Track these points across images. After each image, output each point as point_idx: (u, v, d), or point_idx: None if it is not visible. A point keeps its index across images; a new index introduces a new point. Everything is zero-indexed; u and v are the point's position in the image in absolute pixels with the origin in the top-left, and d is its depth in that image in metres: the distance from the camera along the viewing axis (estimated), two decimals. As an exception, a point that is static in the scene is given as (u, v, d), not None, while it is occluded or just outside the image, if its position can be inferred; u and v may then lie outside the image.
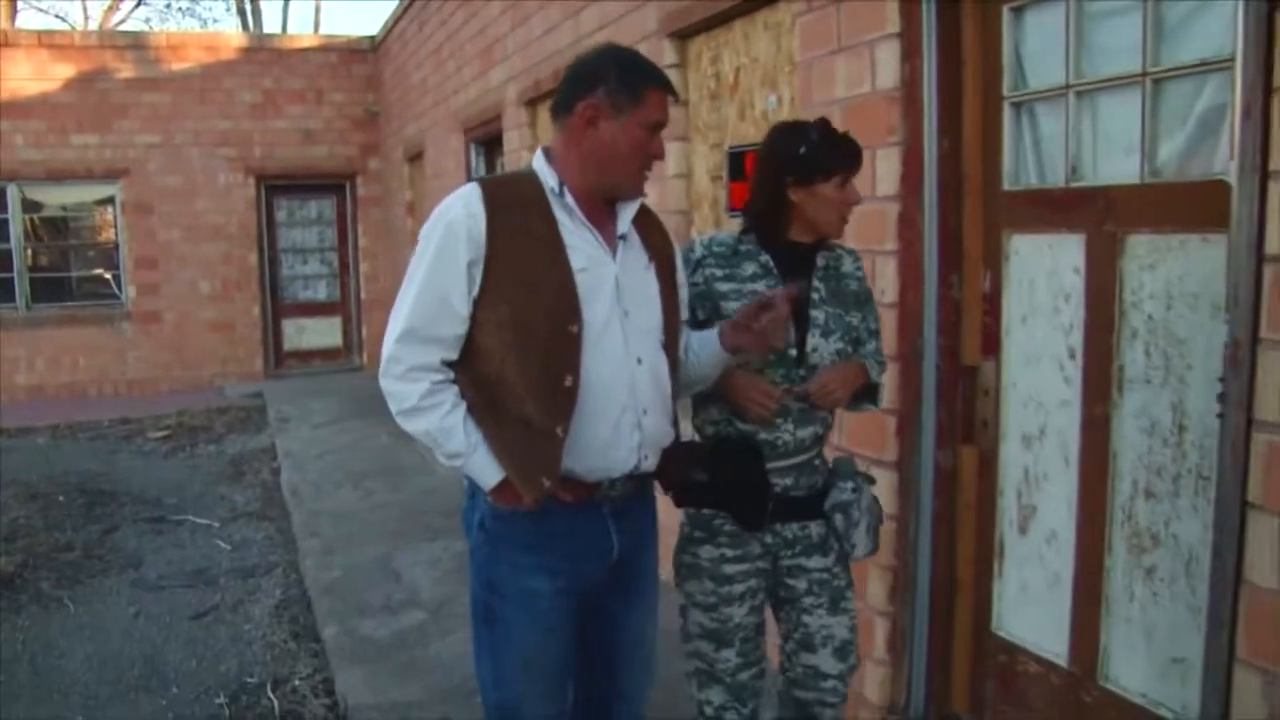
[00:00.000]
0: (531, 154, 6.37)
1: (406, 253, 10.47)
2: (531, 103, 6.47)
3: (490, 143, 7.64)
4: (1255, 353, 2.05)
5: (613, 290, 2.12)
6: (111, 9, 23.48)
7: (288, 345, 12.41)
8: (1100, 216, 2.61)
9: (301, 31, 24.01)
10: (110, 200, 11.56)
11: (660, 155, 2.16)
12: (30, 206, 11.38)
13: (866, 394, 2.58)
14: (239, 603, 5.01)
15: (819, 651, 2.51)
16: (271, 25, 24.58)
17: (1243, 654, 2.11)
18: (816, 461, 2.53)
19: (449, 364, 2.11)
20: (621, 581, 2.28)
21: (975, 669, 3.15)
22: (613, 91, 2.08)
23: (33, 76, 11.00)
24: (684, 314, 2.35)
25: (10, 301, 11.28)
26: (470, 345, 2.10)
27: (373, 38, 12.12)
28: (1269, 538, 2.05)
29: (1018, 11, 2.85)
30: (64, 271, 11.74)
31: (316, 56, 12.19)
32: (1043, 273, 2.81)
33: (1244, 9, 2.03)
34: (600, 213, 2.17)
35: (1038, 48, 2.81)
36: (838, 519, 2.46)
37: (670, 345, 2.24)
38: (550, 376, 2.05)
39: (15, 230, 11.25)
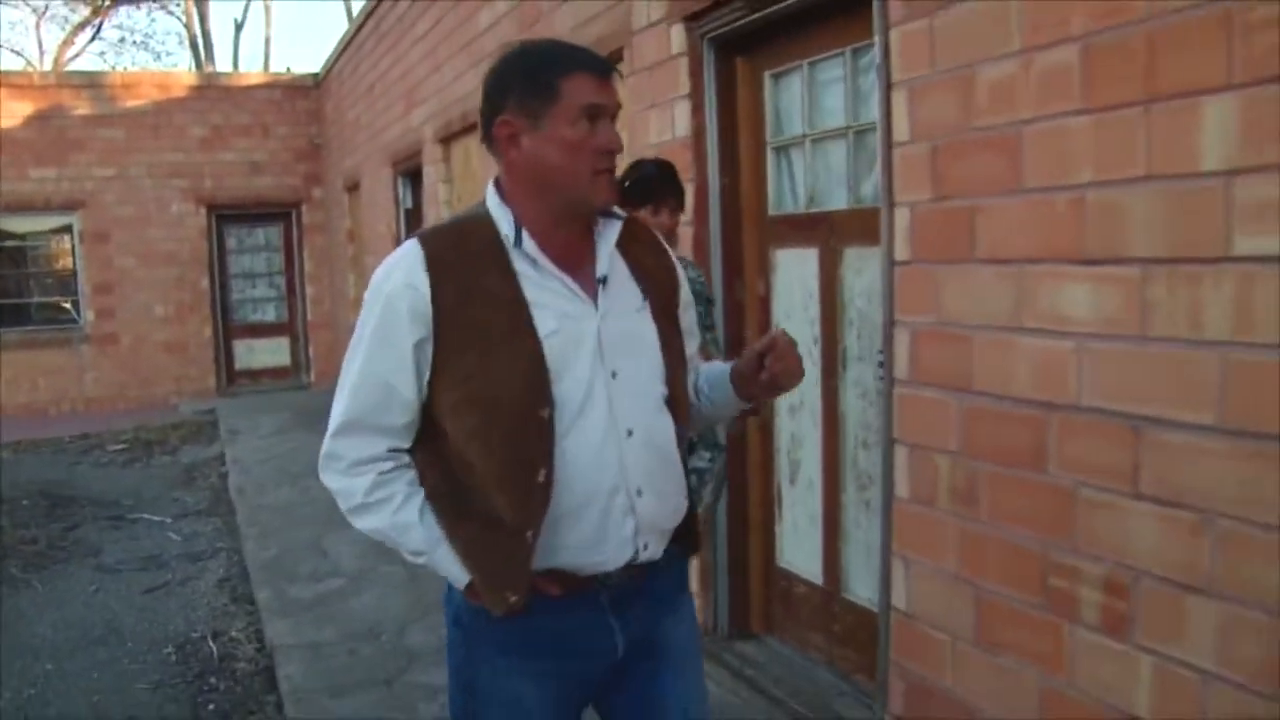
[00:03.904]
0: (446, 187, 7.25)
1: (347, 277, 11.16)
2: (445, 140, 7.28)
3: (414, 175, 8.44)
4: (892, 331, 2.89)
5: (594, 350, 1.76)
6: (67, 43, 24.14)
7: (239, 364, 13.14)
8: (827, 235, 3.46)
9: (252, 64, 24.75)
10: (68, 229, 12.24)
11: (613, 146, 1.75)
12: (-9, 235, 12.06)
13: None
14: (187, 579, 5.75)
15: None
16: (223, 59, 25.34)
17: (894, 548, 2.95)
18: None
19: (402, 449, 1.82)
20: (640, 665, 1.91)
21: (765, 595, 3.98)
22: (522, 98, 1.72)
23: (-8, 115, 11.70)
24: (693, 345, 2.03)
25: (-29, 326, 11.94)
26: (430, 425, 1.80)
27: (316, 75, 12.91)
28: (904, 462, 2.89)
29: (776, 77, 3.70)
30: (23, 298, 12.41)
31: (262, 93, 12.98)
32: (796, 279, 3.65)
33: (878, 86, 2.88)
34: (574, 251, 1.80)
35: (789, 105, 3.67)
36: (691, 479, 3.19)
37: (675, 398, 1.88)
38: (519, 470, 1.72)
39: (-23, 259, 11.94)
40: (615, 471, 1.75)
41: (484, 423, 1.73)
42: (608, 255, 1.82)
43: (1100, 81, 2.19)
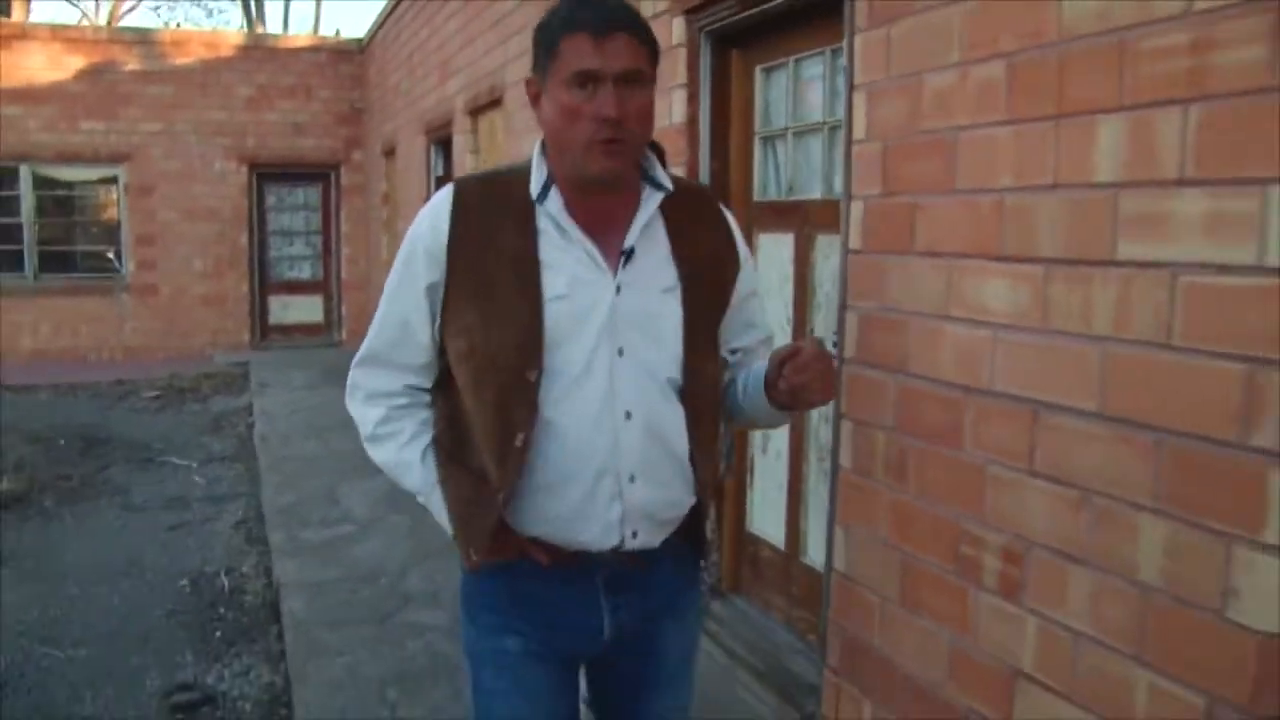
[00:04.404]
0: (474, 157, 7.55)
1: (381, 239, 11.55)
2: (473, 113, 7.53)
3: (446, 144, 8.71)
4: (845, 314, 3.12)
5: (604, 322, 1.71)
6: (122, -2, 24.63)
7: (273, 320, 13.57)
8: (803, 221, 3.69)
9: (302, 25, 25.10)
10: (114, 180, 12.64)
11: (608, 114, 1.63)
12: (41, 184, 12.45)
13: None
14: (207, 520, 6.11)
15: None
16: (273, 18, 25.72)
17: (839, 518, 3.19)
18: None
19: (421, 388, 1.87)
20: (631, 662, 1.92)
21: (736, 557, 4.23)
22: (538, 59, 1.73)
23: (46, 67, 12.09)
24: (751, 338, 2.02)
25: (20, 271, 12.38)
26: (445, 370, 1.83)
27: (359, 40, 13.20)
28: (849, 435, 3.12)
29: (767, 71, 3.92)
30: (69, 245, 12.84)
31: (307, 55, 13.32)
32: (775, 262, 3.88)
33: (845, 87, 3.10)
34: (607, 217, 1.77)
35: (776, 98, 3.89)
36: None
37: (691, 388, 1.80)
38: (502, 430, 1.71)
39: (26, 206, 12.36)
40: (606, 452, 1.71)
41: (477, 377, 1.74)
42: (640, 227, 1.76)
43: (1021, 96, 2.40)
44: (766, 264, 3.93)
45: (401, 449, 1.84)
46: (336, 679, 3.78)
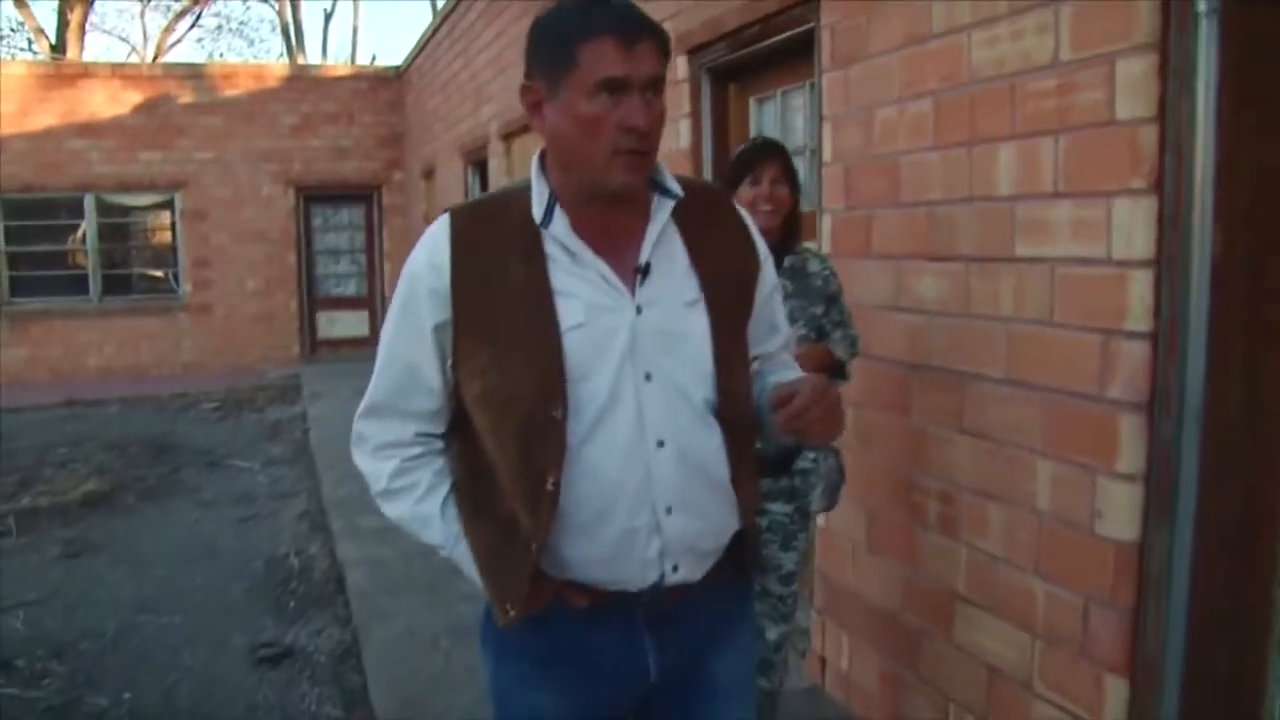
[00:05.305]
0: (508, 179, 8.22)
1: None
2: (506, 137, 8.17)
3: (482, 166, 9.36)
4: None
5: (626, 347, 1.59)
6: (168, 30, 25.63)
7: (321, 334, 14.31)
8: (790, 232, 4.26)
9: (340, 53, 26.00)
10: (170, 206, 13.45)
11: (638, 124, 1.51)
12: (103, 212, 13.25)
13: (837, 372, 3.02)
14: (273, 512, 6.76)
15: (768, 575, 2.95)
16: (313, 47, 26.70)
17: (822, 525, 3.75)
18: None
19: (433, 434, 1.73)
20: (682, 701, 1.77)
21: (743, 526, 4.80)
22: (544, 65, 1.58)
23: (107, 102, 12.91)
24: (775, 342, 1.86)
25: (85, 295, 13.20)
26: (461, 414, 1.70)
27: (397, 67, 13.93)
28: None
29: (760, 101, 4.51)
30: (128, 268, 13.70)
31: (349, 83, 14.09)
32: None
33: (813, 118, 3.68)
34: (618, 232, 1.63)
35: (768, 125, 4.47)
36: (798, 481, 2.99)
37: (729, 407, 1.66)
38: (529, 475, 1.59)
39: (90, 233, 13.16)
40: (639, 486, 1.59)
41: (497, 420, 1.62)
42: (653, 240, 1.63)
43: (944, 126, 2.97)
44: (762, 269, 4.51)
45: (419, 502, 1.71)
46: (398, 634, 4.39)
